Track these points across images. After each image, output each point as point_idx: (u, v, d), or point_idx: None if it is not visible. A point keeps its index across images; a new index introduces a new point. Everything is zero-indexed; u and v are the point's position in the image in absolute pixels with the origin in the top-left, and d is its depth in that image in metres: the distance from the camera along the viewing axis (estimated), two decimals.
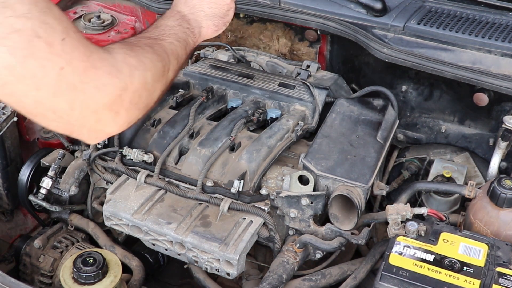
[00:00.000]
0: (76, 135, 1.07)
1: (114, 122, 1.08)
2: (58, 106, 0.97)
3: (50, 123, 1.01)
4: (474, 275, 1.17)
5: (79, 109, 0.99)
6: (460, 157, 1.77)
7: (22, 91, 0.92)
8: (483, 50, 1.62)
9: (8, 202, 1.76)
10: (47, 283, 1.58)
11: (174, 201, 1.48)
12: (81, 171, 1.65)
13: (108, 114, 1.05)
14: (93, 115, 1.02)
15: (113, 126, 1.09)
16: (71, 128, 1.04)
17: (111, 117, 1.06)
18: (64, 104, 0.97)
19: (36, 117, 1.00)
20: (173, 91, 1.76)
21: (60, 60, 0.93)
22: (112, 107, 1.04)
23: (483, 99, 1.65)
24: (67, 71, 0.94)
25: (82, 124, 1.03)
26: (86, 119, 1.02)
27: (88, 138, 1.09)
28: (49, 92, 0.94)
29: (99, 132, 1.08)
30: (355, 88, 1.88)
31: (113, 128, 1.09)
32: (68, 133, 1.07)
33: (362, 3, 1.76)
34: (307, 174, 1.45)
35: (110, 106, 1.04)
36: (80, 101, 0.98)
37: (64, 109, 0.98)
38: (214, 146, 1.53)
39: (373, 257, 1.46)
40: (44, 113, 0.98)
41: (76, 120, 1.01)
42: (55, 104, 0.97)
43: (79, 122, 1.02)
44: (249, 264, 1.58)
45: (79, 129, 1.05)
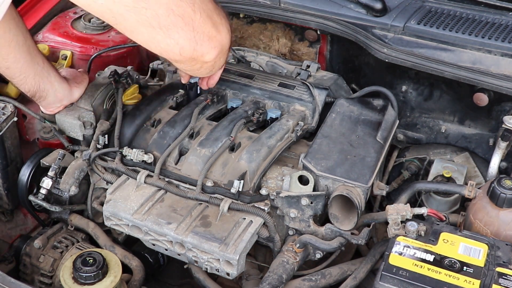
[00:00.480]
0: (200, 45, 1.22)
1: (222, 26, 1.25)
2: (184, 10, 1.14)
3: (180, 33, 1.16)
4: (474, 275, 1.17)
5: (199, 11, 1.16)
6: (460, 157, 1.77)
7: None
8: (483, 50, 1.62)
9: (8, 202, 1.76)
10: (47, 283, 1.58)
11: (174, 201, 1.48)
12: (81, 171, 1.65)
13: (217, 18, 1.23)
14: (209, 19, 1.19)
15: (224, 32, 1.26)
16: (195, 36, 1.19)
17: (219, 21, 1.24)
18: (188, 7, 1.14)
19: (168, 29, 1.15)
20: (173, 91, 1.76)
21: None
22: (217, 12, 1.22)
23: (483, 99, 1.65)
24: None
25: (203, 30, 1.19)
26: (205, 22, 1.19)
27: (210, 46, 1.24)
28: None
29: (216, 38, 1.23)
30: (355, 88, 1.88)
31: (225, 34, 1.26)
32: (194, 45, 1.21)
33: (362, 3, 1.76)
34: (307, 174, 1.45)
35: (215, 11, 1.22)
36: (197, 4, 1.16)
37: (188, 12, 1.15)
38: (214, 146, 1.53)
39: (373, 257, 1.46)
40: (175, 21, 1.14)
41: (199, 25, 1.18)
42: (181, 8, 1.13)
43: (201, 28, 1.19)
44: (249, 264, 1.58)
45: (201, 36, 1.20)
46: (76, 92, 1.72)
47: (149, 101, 1.72)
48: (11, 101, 1.69)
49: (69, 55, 1.95)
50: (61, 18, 2.06)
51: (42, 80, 1.62)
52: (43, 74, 1.61)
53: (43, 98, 1.66)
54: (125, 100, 1.76)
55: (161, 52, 1.23)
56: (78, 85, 1.73)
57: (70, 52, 1.96)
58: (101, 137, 1.63)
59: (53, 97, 1.67)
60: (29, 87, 1.62)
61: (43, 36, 2.00)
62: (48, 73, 1.63)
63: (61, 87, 1.67)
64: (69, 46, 1.98)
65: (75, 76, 1.76)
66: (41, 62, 1.60)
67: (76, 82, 1.74)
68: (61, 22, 2.04)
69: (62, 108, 1.71)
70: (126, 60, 2.00)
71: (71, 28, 2.03)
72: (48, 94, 1.65)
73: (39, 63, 1.60)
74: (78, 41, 1.99)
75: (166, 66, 1.92)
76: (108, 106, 1.77)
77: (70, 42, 1.99)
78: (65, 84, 1.69)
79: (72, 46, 1.98)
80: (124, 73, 1.78)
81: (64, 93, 1.69)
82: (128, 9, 1.09)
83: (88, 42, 1.99)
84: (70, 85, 1.70)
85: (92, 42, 2.00)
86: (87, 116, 1.70)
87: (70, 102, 1.72)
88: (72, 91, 1.71)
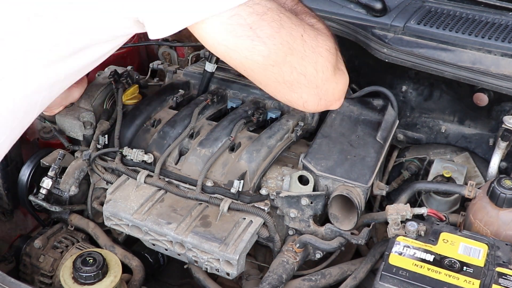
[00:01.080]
0: (324, 100, 1.25)
1: (344, 76, 1.28)
2: (306, 69, 1.17)
3: (303, 89, 1.21)
4: (474, 275, 1.17)
5: (321, 70, 1.19)
6: (460, 157, 1.77)
7: (281, 57, 1.13)
8: (483, 50, 1.62)
9: (8, 202, 1.76)
10: (47, 283, 1.58)
11: (174, 201, 1.48)
12: (81, 171, 1.65)
13: (339, 72, 1.26)
14: (332, 75, 1.22)
15: (345, 80, 1.28)
16: (319, 92, 1.22)
17: (342, 75, 1.27)
18: (310, 66, 1.18)
19: (292, 85, 1.19)
20: (173, 91, 1.76)
21: (299, 28, 1.16)
22: (339, 65, 1.26)
23: (483, 99, 1.65)
24: (306, 37, 1.16)
25: (326, 88, 1.23)
26: (328, 80, 1.22)
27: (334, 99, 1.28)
28: (299, 56, 1.15)
29: (340, 90, 1.27)
30: (355, 88, 1.88)
31: (346, 82, 1.29)
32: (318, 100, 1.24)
33: (362, 3, 1.76)
34: (307, 174, 1.45)
35: (337, 65, 1.25)
36: (320, 63, 1.19)
37: (311, 71, 1.18)
38: (214, 146, 1.53)
39: (373, 257, 1.46)
40: (298, 78, 1.18)
41: (322, 83, 1.21)
42: (304, 68, 1.17)
43: (325, 85, 1.22)
44: (249, 264, 1.58)
45: (325, 92, 1.23)
46: (76, 93, 1.72)
47: (149, 101, 1.72)
48: None
49: None
50: None
51: None
52: None
53: None
54: (125, 100, 1.76)
55: (287, 103, 1.28)
56: (78, 85, 1.73)
57: None
58: (101, 137, 1.63)
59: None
60: None
61: None
62: None
63: None
64: None
65: None
66: None
67: (76, 83, 1.74)
68: None
69: (62, 108, 1.72)
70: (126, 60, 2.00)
71: None
72: None
73: None
74: None
75: (166, 66, 1.93)
76: (108, 106, 1.77)
77: None
78: None
79: None
80: (124, 73, 1.79)
81: (64, 94, 1.69)
82: (257, 65, 1.15)
83: None
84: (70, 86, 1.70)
85: None
86: (87, 116, 1.70)
87: (69, 102, 1.72)
88: (72, 92, 1.71)
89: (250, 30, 1.09)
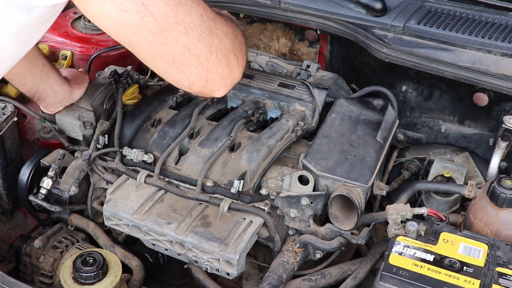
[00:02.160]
0: (211, 84, 1.23)
1: (238, 65, 1.26)
2: (200, 50, 1.15)
3: (192, 71, 1.18)
4: (474, 275, 1.17)
5: (215, 52, 1.17)
6: (460, 157, 1.77)
7: (174, 36, 1.11)
8: (483, 50, 1.61)
9: (8, 202, 1.76)
10: (47, 283, 1.58)
11: (174, 201, 1.48)
12: (81, 171, 1.65)
13: (233, 58, 1.23)
14: (224, 59, 1.20)
15: (238, 70, 1.27)
16: (208, 75, 1.20)
17: (235, 61, 1.25)
18: (205, 48, 1.15)
19: (182, 66, 1.16)
20: (173, 91, 1.76)
21: (199, 7, 1.13)
22: (235, 51, 1.23)
23: (483, 99, 1.65)
24: (204, 17, 1.14)
25: (216, 70, 1.20)
26: (220, 63, 1.20)
27: (220, 85, 1.25)
28: (194, 37, 1.13)
29: (229, 77, 1.25)
30: (355, 88, 1.88)
31: (238, 73, 1.28)
32: (204, 83, 1.22)
33: (362, 3, 1.76)
34: (307, 174, 1.45)
35: (233, 50, 1.23)
36: (215, 45, 1.17)
37: (204, 53, 1.16)
38: (214, 146, 1.53)
39: (373, 257, 1.46)
40: (189, 59, 1.15)
41: (213, 66, 1.19)
42: (198, 49, 1.14)
43: (215, 68, 1.20)
44: (249, 264, 1.58)
45: (214, 76, 1.21)
46: (77, 93, 1.72)
47: (149, 101, 1.72)
48: (11, 101, 1.69)
49: (69, 55, 1.95)
50: (61, 18, 2.05)
51: (41, 83, 1.62)
52: (43, 77, 1.61)
53: (42, 99, 1.66)
54: (125, 100, 1.76)
55: (171, 82, 1.25)
56: (78, 85, 1.73)
57: (70, 52, 1.96)
58: (101, 137, 1.63)
59: (52, 98, 1.67)
60: (28, 89, 1.62)
61: (43, 36, 2.00)
62: (48, 76, 1.63)
63: (61, 88, 1.67)
64: (69, 46, 1.98)
65: (76, 76, 1.76)
66: (41, 65, 1.60)
67: (77, 83, 1.74)
68: (61, 22, 2.04)
69: (62, 108, 1.72)
70: (126, 60, 2.00)
71: (71, 28, 2.03)
72: (48, 95, 1.66)
73: (39, 66, 1.59)
74: (78, 41, 1.99)
75: None
76: (108, 106, 1.77)
77: (70, 42, 1.99)
78: (66, 86, 1.69)
79: (72, 46, 1.98)
80: (124, 73, 1.79)
81: (64, 94, 1.69)
82: (145, 42, 1.12)
83: (88, 42, 2.00)
84: (71, 86, 1.71)
85: (92, 42, 2.00)
86: (87, 116, 1.70)
87: (70, 102, 1.72)
88: (73, 92, 1.71)
89: (141, 6, 1.05)
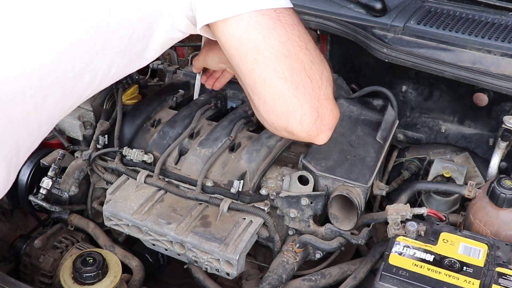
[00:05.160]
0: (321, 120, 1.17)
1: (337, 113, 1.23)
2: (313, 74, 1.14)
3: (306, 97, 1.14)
4: (473, 275, 1.17)
5: (325, 83, 1.17)
6: (460, 157, 1.77)
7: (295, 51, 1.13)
8: (483, 50, 1.61)
9: (8, 202, 1.76)
10: (47, 283, 1.58)
11: (174, 201, 1.48)
12: (81, 171, 1.65)
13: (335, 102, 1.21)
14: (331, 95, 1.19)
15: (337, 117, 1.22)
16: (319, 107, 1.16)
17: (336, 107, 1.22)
18: (317, 74, 1.15)
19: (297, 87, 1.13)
20: (173, 91, 1.76)
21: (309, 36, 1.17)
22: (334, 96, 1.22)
23: (483, 99, 1.65)
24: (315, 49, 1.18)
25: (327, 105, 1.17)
26: (329, 97, 1.17)
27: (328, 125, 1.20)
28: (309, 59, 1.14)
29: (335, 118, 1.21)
30: (355, 88, 1.88)
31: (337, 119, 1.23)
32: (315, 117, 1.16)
33: (362, 3, 1.76)
34: (306, 174, 1.45)
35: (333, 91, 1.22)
36: (325, 76, 1.17)
37: (316, 79, 1.15)
38: (214, 146, 1.53)
39: (373, 257, 1.46)
40: (305, 80, 1.13)
41: (324, 97, 1.16)
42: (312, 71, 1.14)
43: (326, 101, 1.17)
44: (249, 264, 1.58)
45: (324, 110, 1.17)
46: None
47: (149, 101, 1.72)
48: None
49: None
50: None
51: None
52: None
53: None
54: (125, 100, 1.76)
55: (282, 113, 1.15)
56: None
57: None
58: (101, 137, 1.63)
59: None
60: None
61: None
62: None
63: None
64: None
65: None
66: None
67: None
68: None
69: None
70: None
71: None
72: None
73: None
74: None
75: (166, 66, 1.93)
76: (108, 106, 1.77)
77: None
78: None
79: None
80: None
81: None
82: (272, 51, 1.10)
83: None
84: None
85: None
86: (87, 116, 1.71)
87: None
88: None
89: (274, 12, 1.11)
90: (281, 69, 1.11)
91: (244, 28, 1.10)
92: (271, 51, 1.10)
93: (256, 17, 1.10)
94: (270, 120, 1.19)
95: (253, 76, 1.14)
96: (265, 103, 1.16)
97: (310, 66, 1.14)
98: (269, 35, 1.10)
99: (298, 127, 1.16)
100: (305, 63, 1.13)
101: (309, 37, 1.17)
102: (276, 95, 1.13)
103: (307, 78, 1.13)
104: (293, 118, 1.15)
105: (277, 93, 1.13)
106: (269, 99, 1.15)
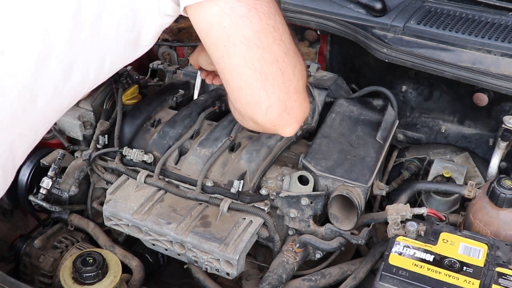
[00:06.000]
0: (287, 114, 1.17)
1: (307, 106, 1.24)
2: (285, 67, 1.13)
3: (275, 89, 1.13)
4: (473, 275, 1.17)
5: (297, 77, 1.16)
6: (460, 157, 1.77)
7: (269, 42, 1.11)
8: (483, 50, 1.61)
9: (8, 202, 1.76)
10: (47, 283, 1.58)
11: (174, 201, 1.48)
12: (81, 171, 1.65)
13: (306, 94, 1.22)
14: (302, 90, 1.18)
15: (307, 110, 1.24)
16: (287, 101, 1.16)
17: (306, 100, 1.22)
18: (289, 68, 1.14)
19: (267, 79, 1.12)
20: (173, 91, 1.76)
21: (287, 27, 1.17)
22: (305, 90, 1.21)
23: (483, 99, 1.65)
24: (291, 42, 1.16)
25: (296, 98, 1.17)
26: (299, 92, 1.17)
27: (296, 118, 1.20)
28: (283, 51, 1.13)
29: (304, 113, 1.22)
30: (355, 88, 1.88)
31: (306, 112, 1.24)
32: (282, 110, 1.16)
33: (362, 3, 1.76)
34: (306, 174, 1.45)
35: (306, 87, 1.22)
36: (298, 69, 1.16)
37: (288, 73, 1.14)
38: (214, 146, 1.53)
39: (373, 257, 1.46)
40: (276, 73, 1.12)
41: (294, 91, 1.16)
42: (285, 64, 1.13)
43: (295, 95, 1.16)
44: (249, 264, 1.58)
45: (293, 104, 1.17)
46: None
47: (149, 101, 1.72)
48: None
49: None
50: None
51: None
52: None
53: None
54: (125, 100, 1.76)
55: (248, 102, 1.16)
56: None
57: None
58: (101, 137, 1.63)
59: None
60: None
61: None
62: None
63: None
64: None
65: None
66: None
67: None
68: None
69: None
70: None
71: None
72: None
73: None
74: None
75: (166, 66, 1.93)
76: (108, 106, 1.77)
77: None
78: None
79: None
80: (124, 73, 1.79)
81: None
82: (243, 41, 1.09)
83: None
84: None
85: None
86: (87, 116, 1.71)
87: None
88: None
89: (251, 0, 1.08)
90: (251, 59, 1.10)
91: (216, 14, 1.08)
92: (242, 40, 1.09)
93: (231, 4, 1.07)
94: (237, 108, 1.20)
95: (222, 63, 1.14)
96: (232, 91, 1.17)
97: (283, 58, 1.13)
98: (242, 24, 1.08)
99: (263, 118, 1.17)
100: (278, 55, 1.12)
101: (285, 28, 1.15)
102: (244, 84, 1.13)
103: (278, 70, 1.13)
104: (259, 108, 1.15)
105: (245, 83, 1.13)
106: (237, 87, 1.15)
